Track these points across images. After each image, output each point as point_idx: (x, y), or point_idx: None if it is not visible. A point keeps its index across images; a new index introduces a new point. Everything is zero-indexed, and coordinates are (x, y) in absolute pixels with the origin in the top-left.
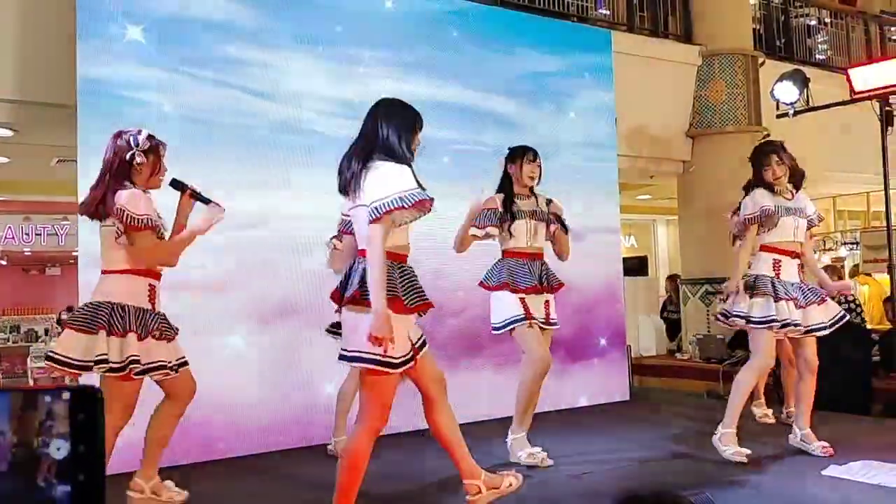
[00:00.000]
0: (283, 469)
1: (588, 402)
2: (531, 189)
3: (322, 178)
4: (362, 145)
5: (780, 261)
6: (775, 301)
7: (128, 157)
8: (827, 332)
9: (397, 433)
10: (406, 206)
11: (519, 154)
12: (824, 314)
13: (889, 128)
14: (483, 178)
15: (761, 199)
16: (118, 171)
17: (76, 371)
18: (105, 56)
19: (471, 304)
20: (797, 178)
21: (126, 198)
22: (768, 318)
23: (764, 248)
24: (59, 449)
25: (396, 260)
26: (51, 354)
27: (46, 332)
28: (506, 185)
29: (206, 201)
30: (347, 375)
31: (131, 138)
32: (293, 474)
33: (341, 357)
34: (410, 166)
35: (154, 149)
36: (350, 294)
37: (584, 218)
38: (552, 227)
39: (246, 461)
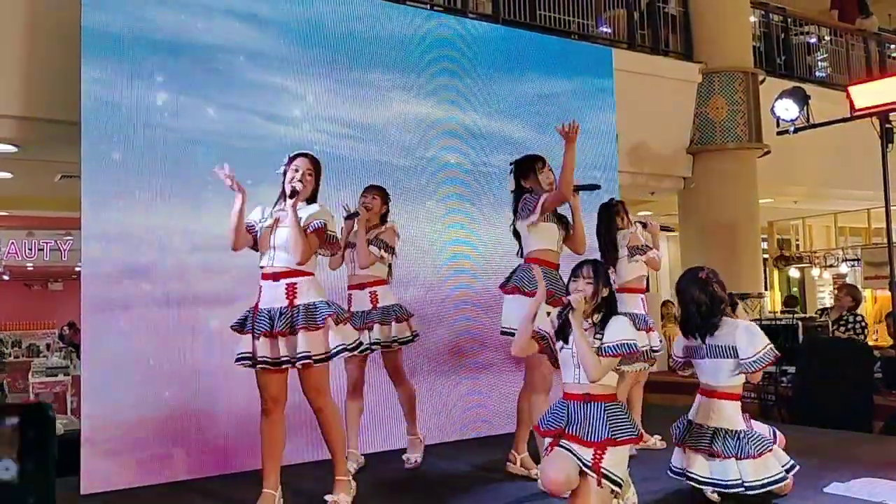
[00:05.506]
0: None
1: None
2: None
3: (332, 198)
4: None
5: None
6: None
7: None
8: None
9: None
10: None
11: (529, 166)
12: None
13: (889, 144)
14: (490, 199)
15: None
16: None
17: None
18: (110, 75)
19: (461, 317)
20: None
21: None
22: None
23: None
24: (7, 469)
25: None
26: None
27: (48, 346)
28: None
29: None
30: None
31: None
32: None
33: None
34: None
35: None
36: None
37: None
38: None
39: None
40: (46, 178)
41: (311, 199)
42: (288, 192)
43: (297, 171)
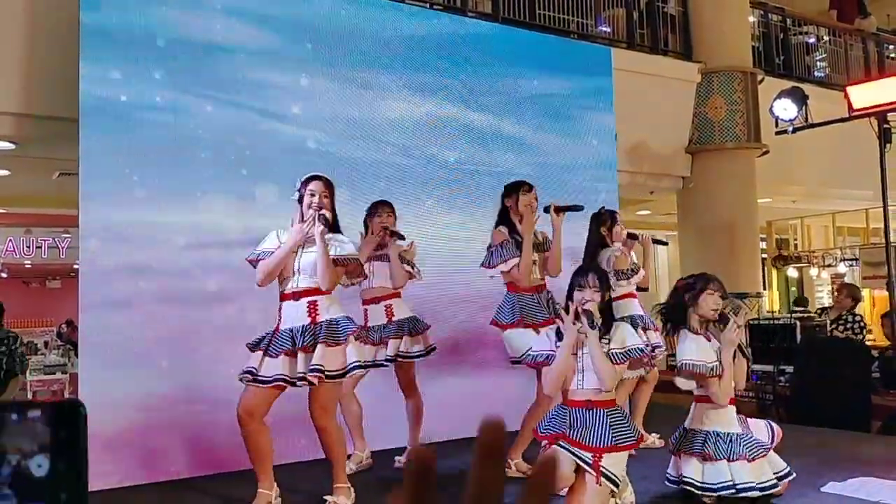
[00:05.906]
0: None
1: None
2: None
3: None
4: None
5: None
6: None
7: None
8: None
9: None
10: None
11: (514, 187)
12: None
13: (887, 145)
14: (492, 198)
15: None
16: None
17: None
18: (109, 72)
19: (461, 315)
20: None
21: None
22: None
23: None
24: (39, 466)
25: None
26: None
27: (46, 344)
28: (506, 218)
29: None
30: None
31: None
32: (303, 489)
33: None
34: None
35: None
36: None
37: (584, 235)
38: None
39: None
40: (45, 176)
41: (332, 222)
42: (321, 222)
43: (313, 195)
